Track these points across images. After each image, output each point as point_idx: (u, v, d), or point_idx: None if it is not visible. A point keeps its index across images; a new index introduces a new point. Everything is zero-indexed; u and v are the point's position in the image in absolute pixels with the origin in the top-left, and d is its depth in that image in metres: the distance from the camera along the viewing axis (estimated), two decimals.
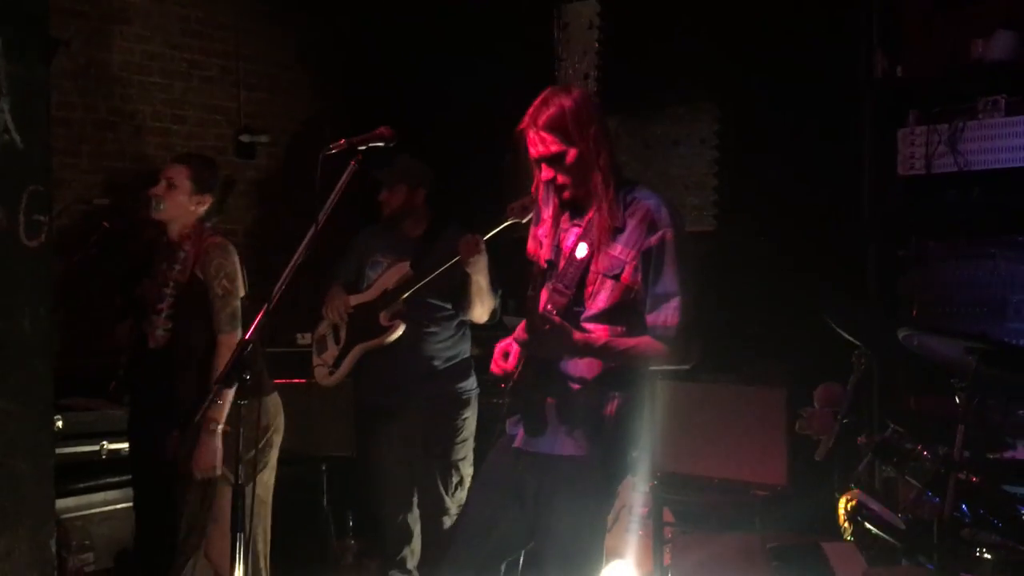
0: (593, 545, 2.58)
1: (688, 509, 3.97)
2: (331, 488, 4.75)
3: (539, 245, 2.68)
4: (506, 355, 2.61)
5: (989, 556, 2.61)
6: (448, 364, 3.88)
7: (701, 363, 3.99)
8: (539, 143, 2.49)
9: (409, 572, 4.00)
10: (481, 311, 3.76)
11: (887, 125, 3.85)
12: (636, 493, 4.00)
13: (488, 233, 3.37)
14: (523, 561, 2.69)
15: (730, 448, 3.91)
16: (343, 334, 3.91)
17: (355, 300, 3.88)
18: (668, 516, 4.03)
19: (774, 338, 4.12)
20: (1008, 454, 3.29)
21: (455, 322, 3.90)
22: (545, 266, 2.62)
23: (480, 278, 3.61)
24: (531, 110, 2.51)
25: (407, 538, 3.98)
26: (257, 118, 5.64)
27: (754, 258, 4.31)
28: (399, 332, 3.76)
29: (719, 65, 4.48)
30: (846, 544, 1.82)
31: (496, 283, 3.72)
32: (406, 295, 3.70)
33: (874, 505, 2.77)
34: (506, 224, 3.14)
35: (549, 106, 2.48)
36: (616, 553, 4.00)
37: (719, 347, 4.15)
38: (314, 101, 5.89)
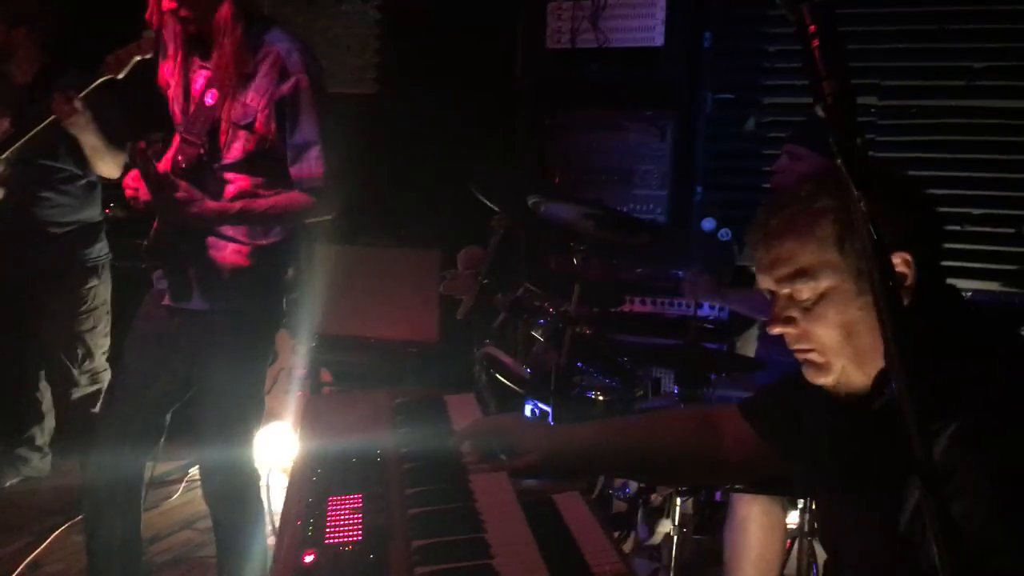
0: (250, 400, 2.55)
1: (346, 369, 4.09)
2: None
3: (167, 84, 2.47)
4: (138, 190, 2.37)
5: (601, 398, 2.95)
6: (68, 230, 3.51)
7: (361, 227, 4.11)
8: None
9: (39, 448, 3.80)
10: (109, 168, 3.38)
11: None
12: (296, 356, 4.05)
13: (83, 90, 2.99)
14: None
15: (387, 309, 4.04)
16: None
17: None
18: (327, 376, 4.13)
19: (430, 201, 4.22)
20: (626, 308, 3.70)
21: (79, 183, 3.52)
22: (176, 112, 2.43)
23: (88, 137, 3.22)
24: None
25: (37, 414, 3.76)
26: None
27: (413, 123, 4.36)
28: None
29: None
30: (465, 396, 1.98)
31: (125, 133, 3.34)
32: (4, 157, 3.24)
33: (505, 358, 3.01)
34: (101, 80, 2.85)
35: None
36: (276, 415, 4.06)
37: (377, 210, 4.23)
38: None
